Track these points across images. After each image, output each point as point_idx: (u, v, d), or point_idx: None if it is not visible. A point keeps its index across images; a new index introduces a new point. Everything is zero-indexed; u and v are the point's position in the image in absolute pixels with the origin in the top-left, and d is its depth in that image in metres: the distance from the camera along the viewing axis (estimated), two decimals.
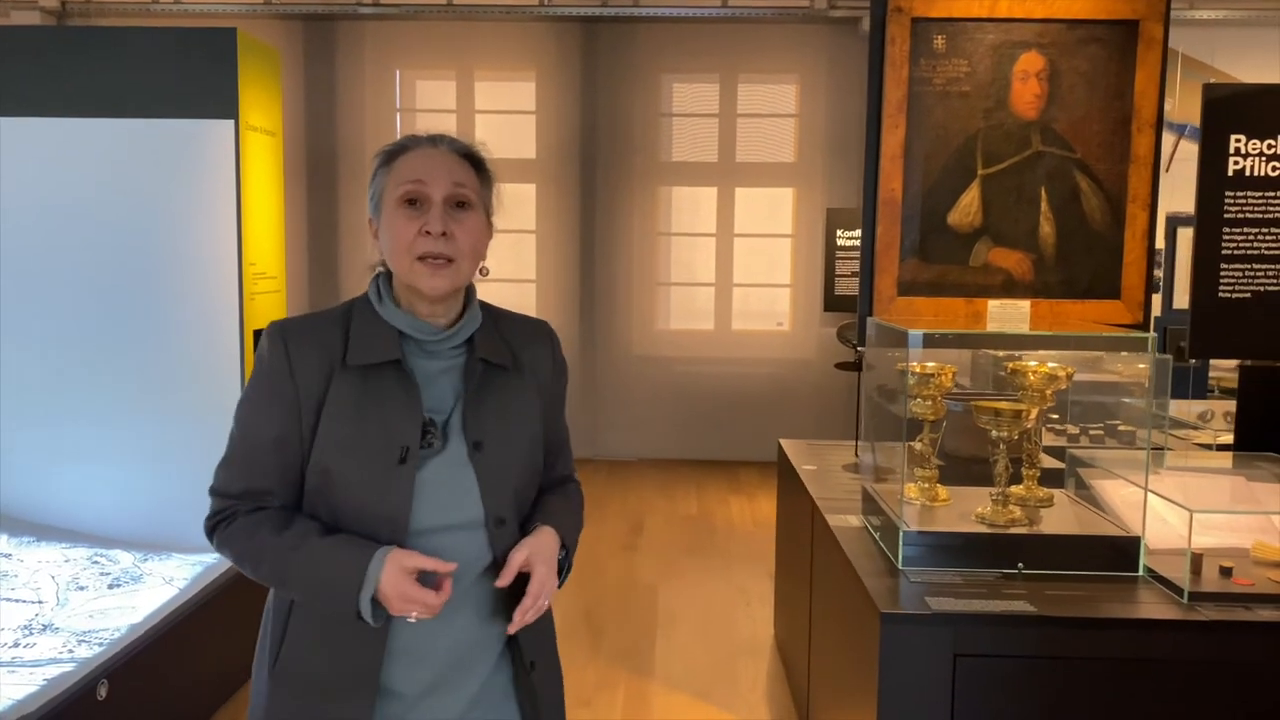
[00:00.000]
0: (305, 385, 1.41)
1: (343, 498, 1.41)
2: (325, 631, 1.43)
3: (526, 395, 1.53)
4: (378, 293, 1.49)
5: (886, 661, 2.11)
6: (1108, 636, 2.10)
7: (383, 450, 1.40)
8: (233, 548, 1.45)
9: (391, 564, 1.36)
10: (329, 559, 1.38)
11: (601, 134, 7.62)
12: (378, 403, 1.41)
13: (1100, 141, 2.84)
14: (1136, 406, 3.21)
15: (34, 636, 2.87)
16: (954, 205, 2.88)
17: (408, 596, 1.36)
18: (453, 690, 1.47)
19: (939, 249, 2.90)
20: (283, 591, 1.46)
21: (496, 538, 1.46)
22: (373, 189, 1.49)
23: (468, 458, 1.44)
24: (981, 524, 2.46)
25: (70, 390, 3.68)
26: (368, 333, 1.44)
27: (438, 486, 1.43)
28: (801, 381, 7.69)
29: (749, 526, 5.91)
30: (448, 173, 1.44)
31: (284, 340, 1.44)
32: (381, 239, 1.47)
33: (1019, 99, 2.84)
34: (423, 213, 1.42)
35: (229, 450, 1.48)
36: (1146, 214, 2.86)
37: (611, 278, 7.75)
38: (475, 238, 1.46)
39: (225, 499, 1.46)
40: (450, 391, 1.47)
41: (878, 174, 2.88)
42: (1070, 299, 2.90)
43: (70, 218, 3.57)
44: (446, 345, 1.48)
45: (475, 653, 1.48)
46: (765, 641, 4.12)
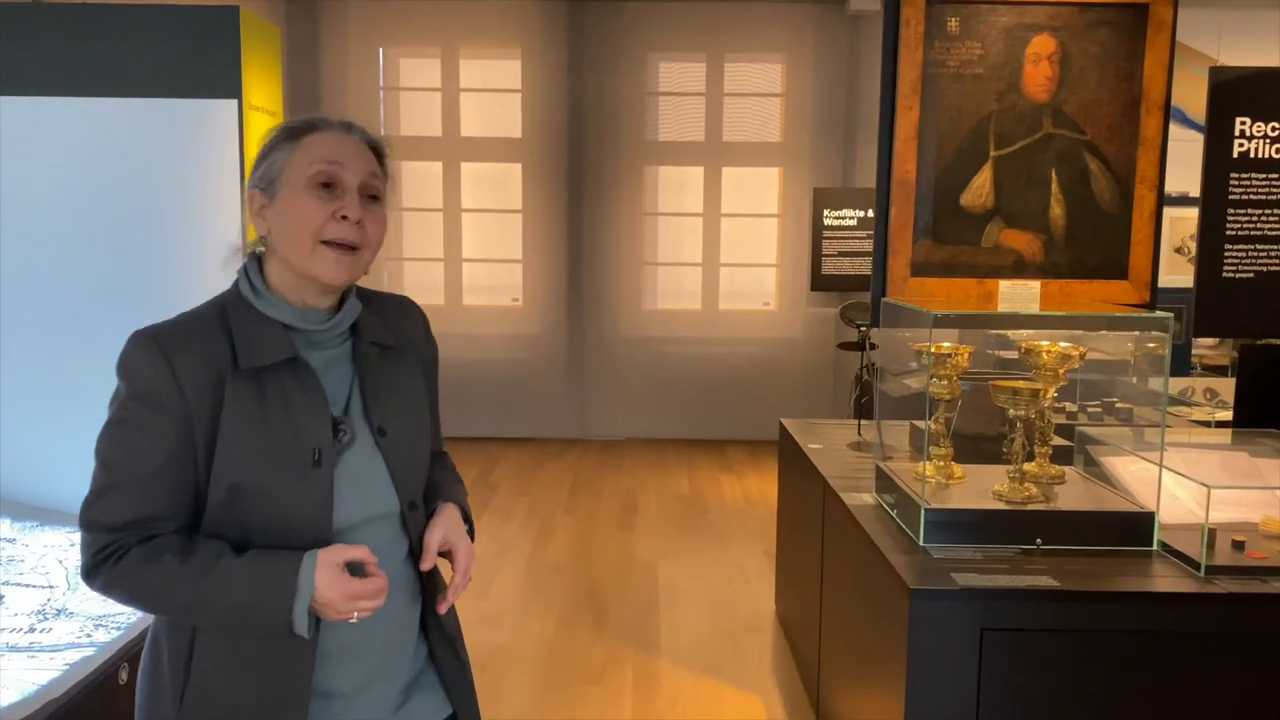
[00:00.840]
0: (196, 399, 1.30)
1: (256, 511, 1.31)
2: (244, 653, 1.33)
3: (414, 374, 1.49)
4: (250, 285, 1.38)
5: (915, 636, 2.15)
6: (1129, 610, 2.15)
7: (294, 455, 1.31)
8: (128, 585, 1.30)
9: (324, 566, 1.29)
10: (251, 578, 1.28)
11: (588, 113, 7.60)
12: (280, 405, 1.32)
13: (1110, 124, 2.88)
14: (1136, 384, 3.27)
15: (49, 621, 2.86)
16: (967, 186, 2.91)
17: (354, 593, 1.30)
18: (388, 679, 1.44)
19: (951, 230, 2.94)
20: (198, 621, 1.34)
21: (411, 523, 1.43)
22: (268, 164, 1.37)
23: (375, 446, 1.39)
24: (1000, 501, 2.51)
25: (71, 373, 3.63)
26: (252, 331, 1.34)
27: (352, 481, 1.37)
28: (788, 361, 7.74)
29: (741, 504, 5.96)
30: (364, 161, 1.38)
31: (163, 352, 1.30)
32: (278, 218, 1.35)
33: (1031, 81, 2.87)
34: (336, 197, 1.34)
35: (104, 479, 1.32)
36: (1154, 195, 2.91)
37: (599, 258, 7.74)
38: (381, 231, 1.40)
39: (110, 532, 1.30)
40: (343, 381, 1.41)
41: (891, 155, 2.90)
42: (1079, 279, 2.95)
43: (70, 199, 3.52)
44: (333, 334, 1.41)
45: (405, 639, 1.46)
46: (767, 617, 4.17)
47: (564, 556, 4.90)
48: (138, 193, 3.53)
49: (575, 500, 5.95)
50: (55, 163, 3.51)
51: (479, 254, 7.79)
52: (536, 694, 3.46)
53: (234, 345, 1.33)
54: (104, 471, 1.33)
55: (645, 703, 3.40)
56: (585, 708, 3.36)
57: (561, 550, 5.01)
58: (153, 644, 1.42)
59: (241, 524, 1.33)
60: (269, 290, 1.38)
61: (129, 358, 1.34)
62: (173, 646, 1.37)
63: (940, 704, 2.16)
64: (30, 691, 2.40)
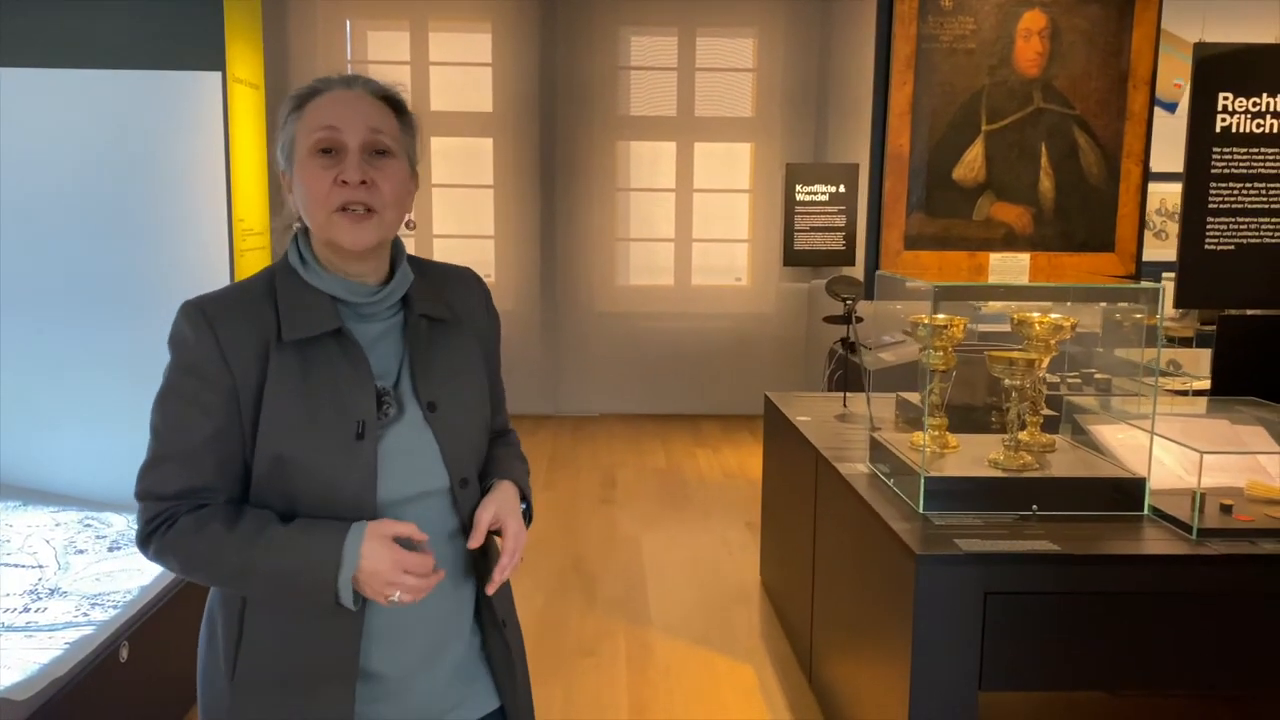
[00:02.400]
0: (241, 370, 1.29)
1: (301, 483, 1.30)
2: (292, 624, 1.33)
3: (470, 348, 1.45)
4: (299, 256, 1.36)
5: (921, 601, 2.20)
6: (1127, 572, 2.22)
7: (338, 428, 1.30)
8: (179, 553, 1.31)
9: (372, 535, 1.28)
10: (297, 545, 1.28)
11: (560, 87, 7.55)
12: (325, 378, 1.31)
13: (1098, 99, 2.93)
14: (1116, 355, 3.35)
15: (43, 601, 2.83)
16: (959, 160, 2.95)
17: (402, 562, 1.28)
18: (435, 664, 1.41)
19: (944, 203, 2.98)
20: (245, 590, 1.34)
21: (462, 500, 1.40)
22: (282, 138, 1.35)
23: (424, 421, 1.37)
24: (996, 469, 2.57)
25: (55, 351, 3.58)
26: (299, 303, 1.32)
27: (399, 456, 1.34)
28: (761, 336, 7.79)
29: (719, 478, 6.02)
30: (363, 117, 1.32)
31: (209, 323, 1.29)
32: (297, 193, 1.34)
33: (1022, 56, 2.91)
34: (338, 161, 1.30)
35: (156, 449, 1.32)
36: (1140, 169, 2.97)
37: (571, 233, 7.73)
38: (397, 186, 1.34)
39: (161, 501, 1.31)
40: (393, 354, 1.39)
41: (885, 130, 2.92)
42: (1067, 252, 3.00)
43: (53, 173, 3.45)
44: (383, 306, 1.38)
45: (453, 621, 1.43)
46: (753, 588, 4.23)
47: (547, 531, 4.92)
48: (122, 166, 3.47)
49: (553, 476, 5.96)
50: (37, 136, 3.44)
51: (450, 230, 7.73)
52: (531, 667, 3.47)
53: (279, 317, 1.32)
54: (155, 442, 1.33)
55: (639, 673, 3.44)
56: (581, 679, 3.40)
57: (544, 525, 5.03)
58: (208, 618, 1.43)
59: (287, 495, 1.32)
60: (316, 261, 1.36)
61: (176, 329, 1.33)
62: (225, 620, 1.37)
63: (944, 666, 2.21)
64: (33, 671, 2.38)
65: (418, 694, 1.40)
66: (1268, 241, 3.05)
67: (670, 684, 3.37)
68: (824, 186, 7.34)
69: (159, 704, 2.87)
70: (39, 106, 3.41)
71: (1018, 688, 2.28)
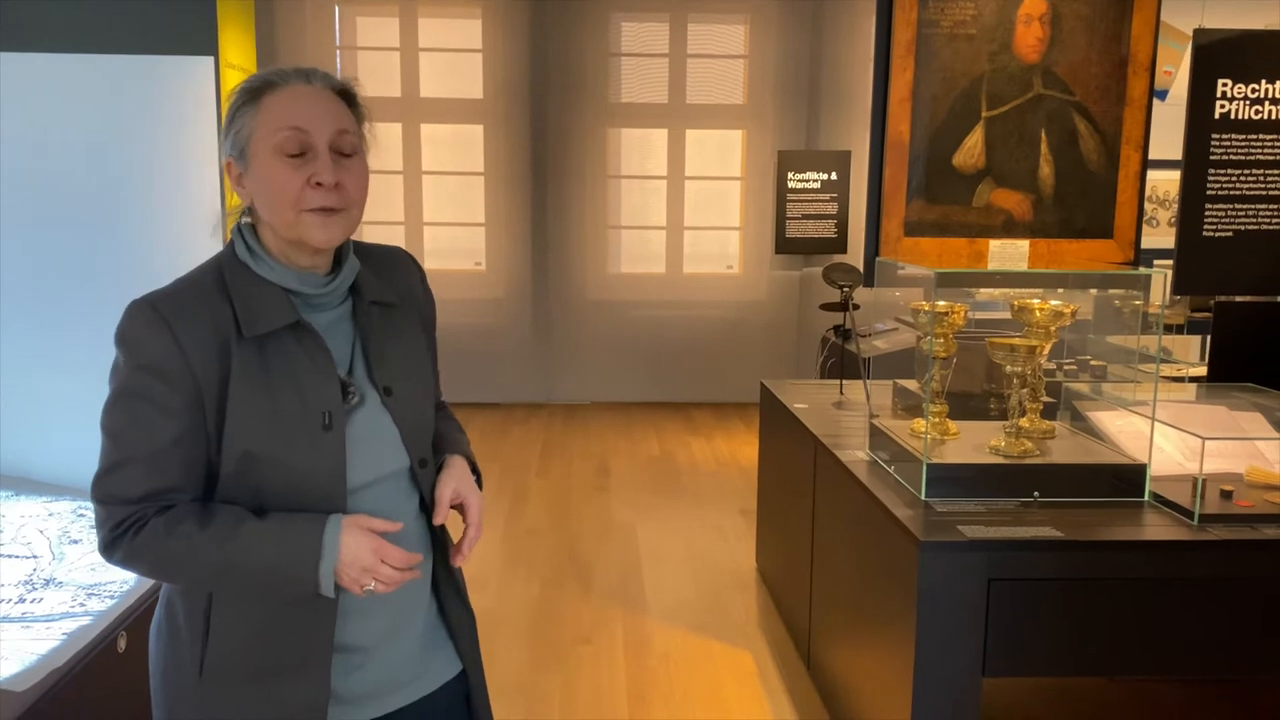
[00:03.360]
0: (204, 371, 1.27)
1: (270, 477, 1.30)
2: (264, 613, 1.33)
3: (414, 329, 1.48)
4: (246, 248, 1.34)
5: (925, 587, 2.20)
6: (1130, 558, 2.22)
7: (305, 420, 1.30)
8: (150, 556, 1.28)
9: (350, 526, 1.29)
10: (276, 540, 1.28)
11: (551, 73, 7.51)
12: (286, 371, 1.30)
13: (1098, 85, 2.93)
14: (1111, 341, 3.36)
15: (38, 591, 2.80)
16: (959, 147, 2.94)
17: (383, 553, 1.29)
18: (403, 633, 1.44)
19: (944, 190, 2.97)
20: (221, 588, 1.32)
21: (421, 478, 1.43)
22: (234, 129, 1.32)
23: (382, 406, 1.38)
24: (997, 455, 2.57)
25: (45, 339, 3.54)
26: (253, 296, 1.31)
27: (362, 442, 1.36)
28: (752, 323, 7.79)
29: (712, 465, 6.02)
30: (331, 118, 1.31)
31: (165, 322, 1.26)
32: (254, 188, 1.31)
33: (1022, 42, 2.91)
34: (308, 162, 1.29)
35: (116, 452, 1.29)
36: (1139, 155, 2.97)
37: (562, 221, 7.70)
38: (362, 185, 1.35)
39: (127, 505, 1.28)
40: (345, 342, 1.39)
41: (885, 116, 2.91)
42: (1067, 238, 3.00)
43: (44, 159, 3.41)
44: (334, 295, 1.39)
45: (419, 593, 1.47)
46: (749, 575, 4.23)
47: (541, 520, 4.91)
48: (115, 152, 3.43)
49: (546, 464, 5.95)
50: (30, 120, 3.39)
51: (440, 217, 7.69)
52: (529, 655, 3.48)
53: (235, 311, 1.30)
54: (114, 445, 1.30)
55: (638, 660, 3.44)
56: (579, 667, 3.39)
57: (538, 514, 5.02)
58: (166, 609, 1.40)
59: (255, 490, 1.31)
60: (266, 253, 1.35)
61: (129, 328, 1.29)
62: (189, 611, 1.35)
63: (948, 652, 2.22)
64: (31, 661, 2.36)
65: (387, 663, 1.43)
66: (1265, 228, 3.05)
67: (669, 670, 3.37)
68: (816, 174, 7.32)
69: None
70: (31, 91, 3.36)
71: (1021, 673, 2.28)
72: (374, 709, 1.42)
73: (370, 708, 1.42)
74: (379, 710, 1.42)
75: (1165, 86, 6.16)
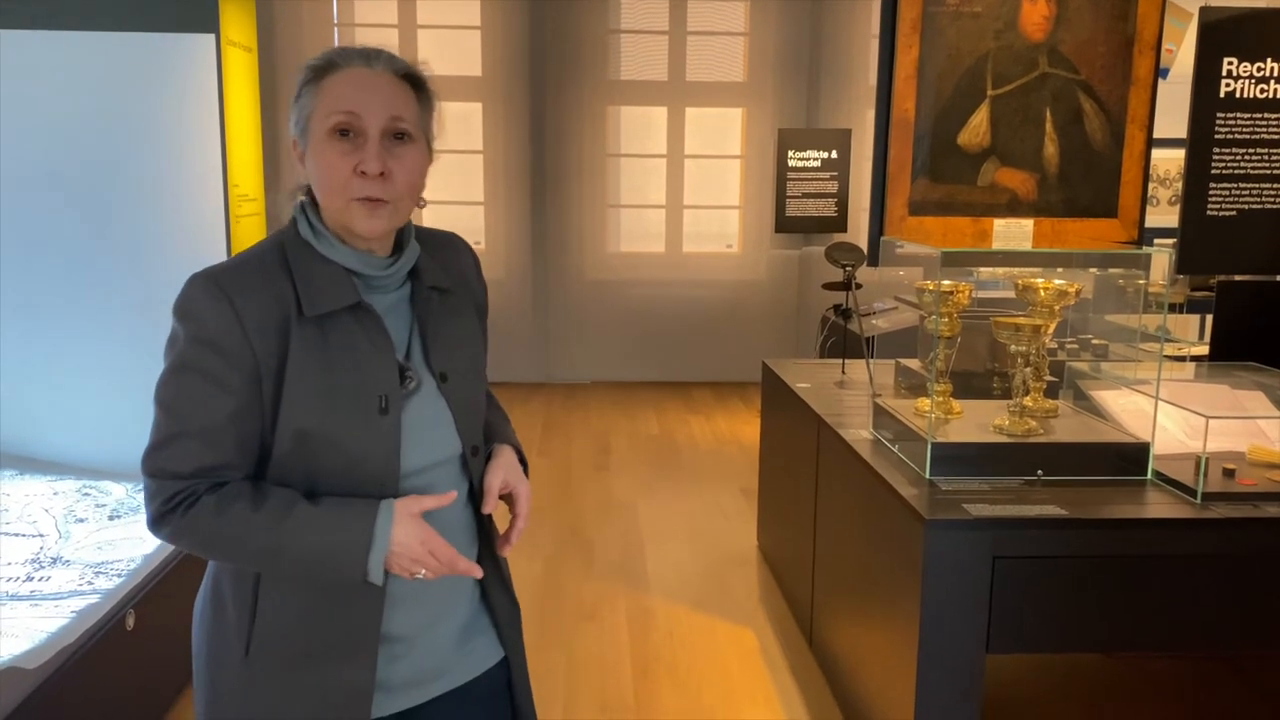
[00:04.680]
0: (263, 348, 1.26)
1: (324, 458, 1.29)
2: (312, 597, 1.32)
3: (469, 316, 1.47)
4: (309, 227, 1.33)
5: (929, 565, 2.22)
6: (1134, 536, 2.24)
7: (361, 402, 1.29)
8: (199, 533, 1.27)
9: (402, 514, 1.28)
10: (327, 525, 1.26)
11: (550, 51, 7.47)
12: (345, 352, 1.29)
13: (1103, 63, 2.92)
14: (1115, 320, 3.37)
15: (45, 570, 2.81)
16: (964, 126, 2.94)
17: (430, 545, 1.29)
18: (445, 622, 1.44)
19: (948, 169, 2.97)
20: (269, 569, 1.32)
21: (473, 466, 1.43)
22: (297, 109, 1.32)
23: (438, 392, 1.37)
24: (1001, 434, 2.58)
25: (49, 318, 3.54)
26: (315, 275, 1.30)
27: (418, 428, 1.34)
28: (752, 302, 7.78)
29: (712, 444, 6.03)
30: (385, 103, 1.28)
31: (227, 297, 1.25)
32: (311, 169, 1.31)
33: (1028, 20, 2.89)
34: (357, 147, 1.27)
35: (170, 426, 1.27)
36: (1144, 135, 2.96)
37: (562, 200, 7.68)
38: (414, 175, 1.32)
39: (178, 480, 1.27)
40: (402, 326, 1.38)
41: (890, 94, 2.91)
42: (1071, 218, 3.00)
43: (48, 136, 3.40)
44: (394, 278, 1.37)
45: (462, 582, 1.45)
46: (750, 553, 4.26)
47: (543, 498, 4.93)
48: (117, 130, 3.42)
49: (547, 443, 5.96)
50: (31, 98, 3.38)
51: (439, 196, 7.66)
52: (533, 631, 3.49)
53: (296, 289, 1.29)
54: (168, 419, 1.28)
55: (641, 636, 3.47)
56: (583, 643, 3.42)
57: (540, 492, 5.04)
58: (213, 587, 1.40)
59: (308, 471, 1.30)
60: (329, 232, 1.33)
61: (189, 301, 1.27)
62: (236, 593, 1.35)
63: (952, 629, 2.24)
64: (40, 640, 2.37)
65: (428, 652, 1.42)
66: (1269, 207, 3.06)
67: (672, 647, 3.39)
68: (816, 152, 7.31)
69: (165, 671, 2.87)
70: (32, 68, 3.34)
71: (1025, 650, 2.31)
72: (414, 696, 1.42)
73: (410, 695, 1.41)
74: (419, 698, 1.42)
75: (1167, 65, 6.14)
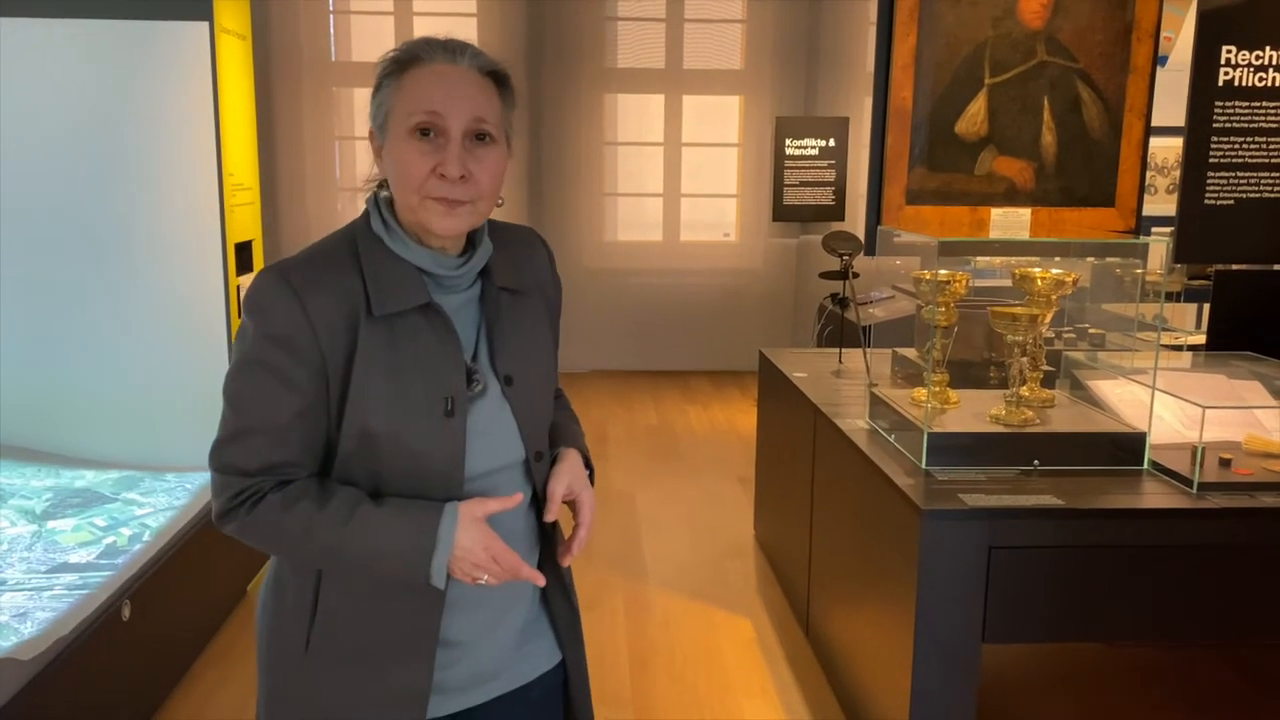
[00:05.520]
0: (331, 346, 1.24)
1: (389, 459, 1.28)
2: (371, 597, 1.32)
3: (540, 318, 1.43)
4: (382, 223, 1.31)
5: (926, 555, 2.22)
6: (1129, 526, 2.24)
7: (427, 404, 1.27)
8: (264, 531, 1.27)
9: (466, 519, 1.27)
10: (391, 526, 1.25)
11: (547, 38, 7.44)
12: (413, 353, 1.27)
13: (1101, 51, 2.91)
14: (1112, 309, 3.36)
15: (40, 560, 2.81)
16: (962, 114, 2.92)
17: (494, 551, 1.27)
18: (504, 629, 1.42)
19: (946, 158, 2.96)
20: (332, 568, 1.31)
21: (536, 472, 1.39)
22: (377, 101, 1.28)
23: (502, 396, 1.35)
24: (998, 424, 2.58)
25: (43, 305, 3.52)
26: (385, 273, 1.27)
27: (483, 431, 1.32)
28: (749, 291, 7.78)
29: (710, 434, 6.03)
30: (469, 103, 1.25)
31: (296, 294, 1.23)
32: (387, 164, 1.28)
33: (1026, 8, 2.88)
34: (438, 147, 1.24)
35: (237, 422, 1.27)
36: (1142, 123, 2.95)
37: (559, 188, 7.66)
38: (495, 176, 1.29)
39: (246, 477, 1.26)
40: (471, 326, 1.35)
41: (888, 82, 2.89)
42: (1068, 207, 3.00)
43: (43, 124, 3.38)
44: (466, 278, 1.35)
45: (524, 587, 1.42)
46: (747, 542, 4.26)
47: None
48: (111, 118, 3.40)
49: None
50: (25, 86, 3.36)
51: None
52: None
53: (366, 285, 1.27)
54: (236, 414, 1.27)
55: (639, 626, 3.47)
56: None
57: None
58: (275, 582, 1.39)
59: (373, 471, 1.29)
60: (402, 230, 1.31)
61: (260, 296, 1.25)
62: (298, 589, 1.34)
63: (949, 619, 2.24)
64: (35, 630, 2.37)
65: (485, 655, 1.41)
66: (1268, 196, 3.05)
67: (670, 636, 3.40)
68: (814, 140, 7.28)
69: (160, 662, 2.87)
70: (27, 56, 3.32)
71: (1020, 640, 2.31)
72: (470, 698, 1.41)
73: (466, 697, 1.41)
74: (475, 699, 1.41)
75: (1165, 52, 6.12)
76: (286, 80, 7.23)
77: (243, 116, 3.62)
